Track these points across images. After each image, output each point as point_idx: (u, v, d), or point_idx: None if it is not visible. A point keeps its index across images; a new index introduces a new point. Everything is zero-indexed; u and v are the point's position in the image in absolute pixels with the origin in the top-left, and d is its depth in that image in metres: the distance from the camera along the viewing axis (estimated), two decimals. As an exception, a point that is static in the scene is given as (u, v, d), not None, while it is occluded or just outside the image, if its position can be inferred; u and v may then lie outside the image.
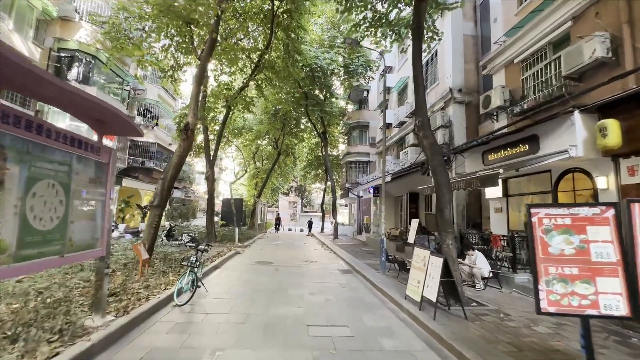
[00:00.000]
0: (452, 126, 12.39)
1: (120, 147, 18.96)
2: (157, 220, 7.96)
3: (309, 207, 57.22)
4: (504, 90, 8.99)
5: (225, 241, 15.38)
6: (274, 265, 10.12)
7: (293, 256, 12.61)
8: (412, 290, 5.85)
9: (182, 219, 20.10)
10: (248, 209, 30.35)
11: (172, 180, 8.20)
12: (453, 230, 6.22)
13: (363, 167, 25.93)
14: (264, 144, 32.32)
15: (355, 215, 25.59)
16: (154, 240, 8.02)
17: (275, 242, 18.51)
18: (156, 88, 22.92)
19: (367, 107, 26.76)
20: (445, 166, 6.50)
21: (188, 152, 8.36)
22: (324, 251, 15.10)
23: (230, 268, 9.24)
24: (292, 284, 7.41)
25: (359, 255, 12.75)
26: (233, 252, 12.09)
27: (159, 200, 7.98)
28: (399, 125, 17.77)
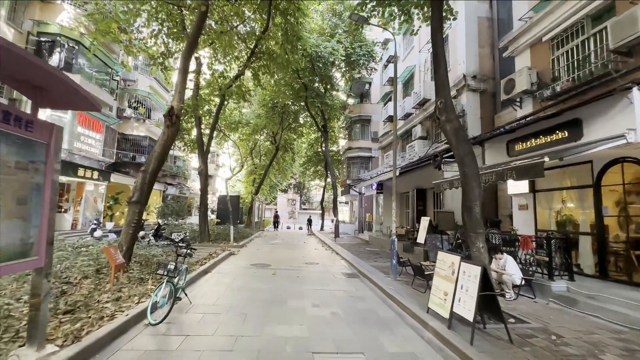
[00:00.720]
0: (466, 116, 11.38)
1: (109, 140, 17.86)
2: (137, 218, 6.93)
3: (308, 204, 56.21)
4: (530, 72, 7.98)
5: (219, 240, 14.36)
6: (271, 268, 9.11)
7: (292, 257, 11.62)
8: (436, 303, 4.85)
9: (176, 216, 19.04)
10: (245, 206, 29.33)
11: (154, 174, 7.16)
12: (484, 231, 5.22)
13: (365, 163, 24.93)
14: (261, 139, 31.28)
15: (357, 213, 24.62)
16: (134, 242, 6.99)
17: (273, 242, 17.52)
18: (148, 79, 21.81)
19: (369, 101, 25.72)
20: (474, 155, 5.49)
21: (173, 140, 7.31)
22: (325, 251, 14.11)
23: (222, 272, 8.22)
24: (291, 293, 6.40)
25: (363, 256, 11.77)
26: (227, 253, 11.08)
27: (139, 196, 6.94)
28: (404, 118, 16.75)
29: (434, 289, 5.04)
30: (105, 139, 16.91)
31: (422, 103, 14.41)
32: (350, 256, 11.69)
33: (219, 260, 9.67)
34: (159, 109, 23.19)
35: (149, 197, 7.24)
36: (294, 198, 58.50)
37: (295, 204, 58.05)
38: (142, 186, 7.00)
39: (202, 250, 11.51)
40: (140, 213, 6.99)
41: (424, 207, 14.32)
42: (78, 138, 14.60)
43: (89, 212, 16.18)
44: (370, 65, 21.77)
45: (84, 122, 15.02)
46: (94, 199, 16.61)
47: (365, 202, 23.94)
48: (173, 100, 7.57)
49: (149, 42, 13.42)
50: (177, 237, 11.33)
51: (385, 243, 14.62)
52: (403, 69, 17.53)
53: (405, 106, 16.14)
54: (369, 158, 24.68)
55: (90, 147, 15.49)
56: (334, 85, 21.30)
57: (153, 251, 8.81)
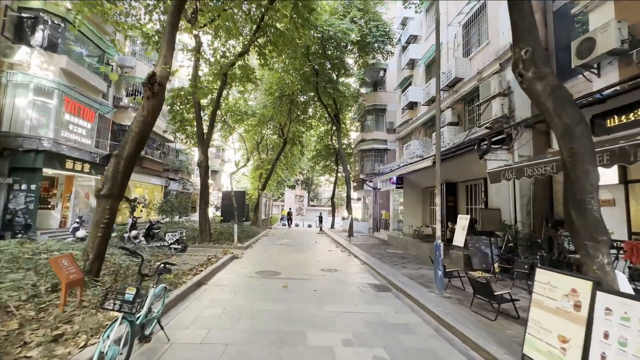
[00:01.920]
0: (513, 94, 9.50)
1: (103, 130, 16.39)
2: (108, 216, 5.31)
3: (316, 201, 54.57)
4: (620, 25, 6.09)
5: (222, 241, 12.78)
6: (281, 277, 7.46)
7: (305, 261, 9.96)
8: (542, 351, 3.11)
9: (177, 213, 17.55)
10: (251, 202, 27.82)
11: (130, 159, 5.52)
12: (609, 239, 3.44)
13: (379, 156, 23.10)
14: (268, 133, 29.67)
15: (371, 210, 22.87)
16: (104, 247, 5.38)
17: (281, 241, 15.89)
18: (147, 65, 20.29)
19: (384, 89, 23.82)
20: (587, 124, 3.70)
21: (155, 116, 5.66)
22: (341, 253, 12.42)
23: (221, 284, 6.59)
24: (311, 318, 4.73)
25: (387, 261, 10.04)
26: (229, 256, 9.47)
27: (110, 187, 5.31)
28: (428, 103, 14.86)
29: (533, 327, 3.29)
30: (98, 128, 15.43)
31: (453, 84, 12.52)
32: (372, 260, 9.98)
33: (219, 266, 8.05)
34: (159, 98, 21.66)
35: (124, 190, 5.61)
36: (301, 194, 56.94)
37: (303, 200, 56.48)
38: (115, 175, 5.37)
39: (201, 253, 9.93)
40: (112, 210, 5.36)
41: (454, 203, 12.49)
42: (66, 126, 13.15)
43: (79, 208, 14.77)
44: (386, 48, 19.84)
45: (73, 109, 13.56)
46: (86, 194, 15.18)
47: (380, 198, 22.16)
48: (157, 64, 5.91)
49: (143, 18, 11.88)
50: (171, 237, 9.77)
51: (409, 244, 12.86)
52: (426, 49, 15.61)
53: (430, 90, 14.25)
54: (384, 150, 22.84)
55: (80, 137, 14.03)
56: (347, 70, 19.43)
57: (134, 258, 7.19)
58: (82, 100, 14.17)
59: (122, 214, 19.21)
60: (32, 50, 12.23)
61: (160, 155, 22.42)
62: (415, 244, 12.33)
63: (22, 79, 12.08)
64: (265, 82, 23.07)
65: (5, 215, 11.70)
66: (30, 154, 11.95)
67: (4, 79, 11.84)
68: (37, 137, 12.06)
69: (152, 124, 5.73)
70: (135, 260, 6.82)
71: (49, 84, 12.49)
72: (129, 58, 19.16)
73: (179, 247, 9.85)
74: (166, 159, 23.32)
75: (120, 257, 6.51)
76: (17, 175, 11.87)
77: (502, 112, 9.33)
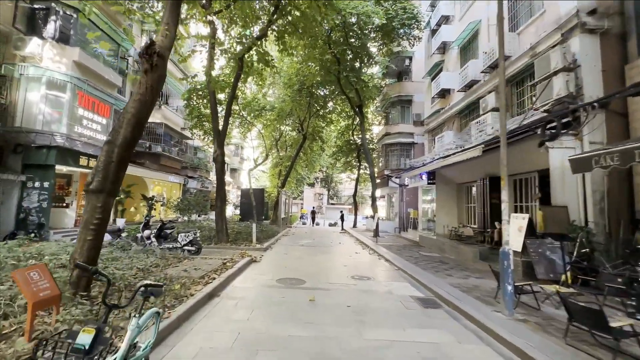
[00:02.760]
0: (579, 68, 7.91)
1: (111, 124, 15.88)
2: (100, 217, 4.37)
3: (336, 199, 53.37)
4: None
5: (239, 241, 11.87)
6: (307, 287, 6.36)
7: (331, 266, 8.82)
8: None
9: (195, 211, 16.90)
10: (271, 200, 27.03)
11: (127, 147, 4.55)
12: None
13: (406, 151, 21.59)
14: (287, 129, 28.76)
15: (397, 208, 21.43)
16: (96, 253, 4.46)
17: (303, 242, 14.83)
18: (163, 60, 19.71)
19: (410, 78, 22.25)
20: None
21: (155, 94, 4.67)
22: (369, 256, 11.19)
23: (236, 297, 5.55)
24: (350, 354, 3.57)
25: (425, 266, 8.72)
26: (246, 259, 8.47)
27: (102, 181, 4.38)
28: (465, 89, 13.30)
29: None
30: (113, 124, 14.93)
31: (497, 64, 10.95)
32: (407, 265, 8.70)
33: (235, 272, 7.05)
34: (176, 95, 21.18)
35: (119, 183, 4.67)
36: (321, 192, 55.91)
37: (323, 198, 55.43)
38: (108, 166, 4.42)
39: (217, 255, 9.01)
40: (105, 207, 4.42)
41: (499, 200, 10.91)
42: (79, 122, 12.65)
43: (96, 207, 14.33)
44: (413, 33, 18.29)
45: (87, 103, 13.07)
46: (102, 193, 14.74)
47: (407, 196, 20.68)
48: (157, 34, 4.93)
49: (157, 5, 11.15)
50: (184, 238, 8.89)
51: (446, 246, 11.44)
52: (461, 29, 14.01)
53: (468, 73, 12.70)
54: (411, 144, 21.30)
55: (95, 133, 13.53)
56: (371, 56, 18.04)
57: (139, 261, 6.30)
58: (97, 94, 13.65)
59: (140, 213, 18.84)
60: (44, 43, 11.75)
61: (178, 153, 21.94)
62: (453, 246, 10.91)
63: (34, 72, 11.62)
64: (283, 75, 22.15)
65: (19, 214, 11.30)
66: (42, 150, 11.50)
67: (16, 73, 11.41)
68: (50, 133, 11.58)
69: (152, 104, 4.74)
70: (138, 265, 5.93)
71: (61, 77, 11.98)
72: (146, 53, 18.66)
73: (193, 249, 8.97)
74: (184, 156, 22.84)
75: (118, 264, 5.61)
76: (30, 172, 11.44)
77: (567, 91, 7.78)
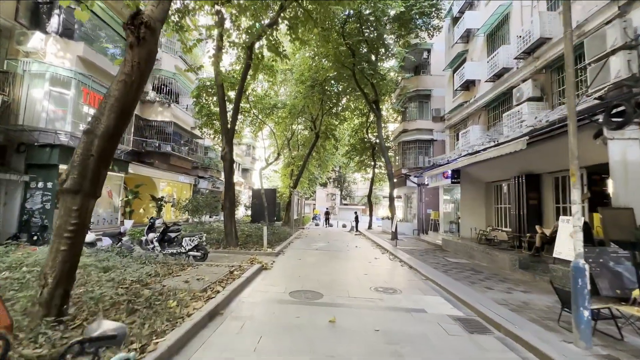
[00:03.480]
0: (644, 46, 6.73)
1: (127, 125, 15.38)
2: (76, 222, 3.59)
3: (349, 199, 52.29)
4: None
5: (249, 245, 11.10)
6: (324, 302, 5.47)
7: (351, 275, 7.89)
8: None
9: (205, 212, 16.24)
10: (283, 201, 26.28)
11: (109, 138, 3.74)
12: None
13: (424, 148, 20.41)
14: (299, 128, 27.98)
15: (416, 209, 20.28)
16: (72, 266, 3.67)
17: (317, 245, 13.95)
18: (173, 57, 19.28)
19: (428, 72, 21.07)
20: None
21: (143, 74, 3.86)
22: (391, 262, 10.20)
23: (241, 315, 4.71)
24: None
25: (457, 275, 7.68)
26: (256, 267, 7.64)
27: (78, 179, 3.59)
28: (493, 79, 12.14)
29: None
30: (120, 122, 14.44)
31: (533, 48, 9.79)
32: (437, 275, 7.68)
33: (243, 283, 6.22)
34: (185, 93, 20.63)
35: (100, 182, 3.88)
36: (333, 192, 54.98)
37: (335, 198, 54.49)
38: (85, 161, 3.64)
39: (224, 261, 8.24)
40: (82, 211, 3.64)
41: (538, 201, 9.76)
42: (84, 119, 12.16)
43: (102, 208, 13.84)
44: (432, 23, 17.14)
45: (92, 100, 12.57)
46: (109, 193, 14.24)
47: (426, 196, 19.51)
48: (147, 4, 4.13)
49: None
50: (189, 243, 8.14)
51: (475, 252, 10.33)
52: (487, 14, 12.83)
53: (498, 61, 11.53)
54: (430, 141, 20.12)
55: (101, 132, 13.06)
56: (387, 48, 16.97)
57: (132, 272, 5.51)
58: (102, 91, 13.13)
59: (150, 214, 18.36)
60: (47, 37, 11.29)
61: (189, 152, 21.45)
62: (485, 252, 9.80)
63: (37, 68, 11.17)
64: (295, 71, 21.39)
65: (22, 216, 10.85)
66: (46, 149, 11.02)
67: (19, 69, 10.98)
68: (54, 131, 11.11)
69: (139, 87, 3.93)
70: (131, 276, 5.16)
71: (65, 73, 11.50)
72: (155, 50, 18.18)
73: (198, 254, 8.21)
74: (195, 156, 22.34)
75: (105, 277, 4.85)
76: (33, 172, 10.99)
77: (629, 72, 6.61)
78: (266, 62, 16.35)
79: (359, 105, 24.40)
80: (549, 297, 5.92)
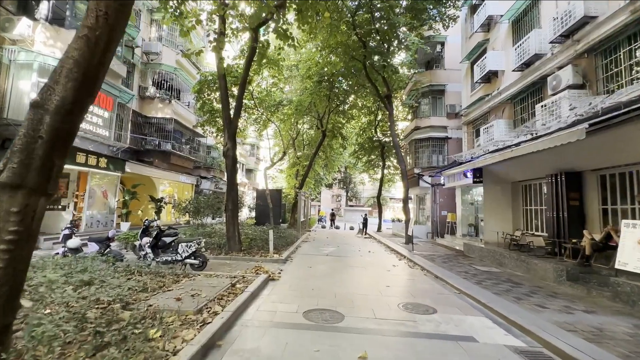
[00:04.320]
0: None
1: (123, 121, 14.48)
2: (19, 228, 2.59)
3: (355, 200, 51.16)
4: None
5: (254, 250, 10.10)
6: (347, 325, 4.42)
7: (371, 287, 6.82)
8: None
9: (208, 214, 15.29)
10: (288, 202, 25.29)
11: (66, 115, 2.74)
12: None
13: (438, 146, 19.30)
14: (305, 127, 27.02)
15: (430, 211, 19.15)
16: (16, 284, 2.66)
17: (327, 250, 12.90)
18: (174, 52, 18.42)
19: (442, 66, 19.97)
20: None
21: (116, 30, 2.86)
22: (412, 270, 9.12)
23: (243, 350, 3.67)
24: None
25: (494, 288, 6.59)
26: (262, 277, 6.61)
27: (18, 170, 2.59)
28: (521, 68, 11.03)
29: None
30: (117, 119, 13.53)
31: (573, 30, 8.69)
32: (471, 288, 6.59)
33: (247, 300, 5.19)
34: (187, 89, 19.75)
35: (53, 173, 2.86)
36: (339, 194, 53.86)
37: (341, 200, 53.36)
38: (30, 145, 2.64)
39: (226, 269, 7.26)
40: (25, 213, 2.63)
41: (580, 201, 8.62)
42: (77, 114, 11.32)
43: (97, 209, 12.93)
44: (447, 13, 16.08)
45: None
46: (104, 193, 13.32)
47: (440, 197, 18.39)
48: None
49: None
50: (186, 250, 7.15)
51: (505, 259, 9.21)
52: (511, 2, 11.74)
53: (529, 47, 10.43)
54: (444, 139, 19.00)
55: (95, 128, 12.15)
56: (400, 40, 15.90)
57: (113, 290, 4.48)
58: (97, 84, 12.25)
59: (149, 216, 17.44)
60: (36, 24, 10.43)
61: (191, 151, 20.55)
62: (519, 260, 8.68)
63: (25, 58, 10.31)
64: (302, 66, 20.46)
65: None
66: (33, 146, 10.13)
67: (5, 58, 10.11)
68: (42, 126, 10.22)
69: (109, 47, 2.92)
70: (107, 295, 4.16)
71: (55, 64, 10.62)
72: (155, 43, 17.36)
73: (196, 262, 7.22)
74: (197, 155, 21.44)
75: (63, 297, 3.85)
76: (19, 171, 10.10)
77: None
78: (272, 54, 15.48)
79: (367, 103, 23.37)
80: (624, 321, 4.81)
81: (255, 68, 14.84)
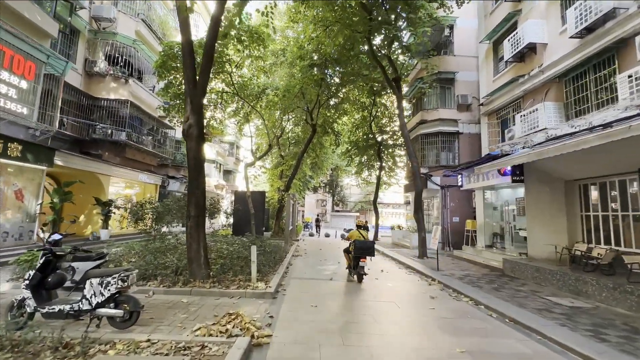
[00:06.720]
0: None
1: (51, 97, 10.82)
2: None
3: (342, 205, 48.35)
4: None
5: (228, 277, 6.87)
6: None
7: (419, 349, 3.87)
8: None
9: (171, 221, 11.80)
10: (272, 207, 22.07)
11: None
12: None
13: (448, 142, 16.81)
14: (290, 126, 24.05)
15: (439, 217, 16.54)
16: None
17: (326, 269, 9.91)
18: (133, 20, 14.97)
19: (451, 52, 17.60)
20: None
21: None
22: (460, 304, 6.25)
23: None
24: None
25: (620, 345, 3.85)
26: (240, 343, 3.47)
27: None
28: (581, 34, 8.57)
29: None
30: (42, 92, 9.93)
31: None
32: (583, 344, 3.78)
33: None
34: (150, 70, 16.21)
35: None
36: (324, 198, 50.95)
37: (326, 205, 50.45)
38: None
39: (177, 317, 4.05)
40: None
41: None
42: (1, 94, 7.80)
43: (10, 214, 9.26)
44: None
45: (17, 65, 8.27)
46: (17, 193, 9.63)
47: (451, 201, 15.85)
48: None
49: None
50: (100, 291, 3.92)
51: (589, 287, 6.49)
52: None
53: (598, 4, 7.98)
54: (455, 134, 16.54)
55: (8, 102, 8.59)
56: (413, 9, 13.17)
57: None
58: (15, 43, 8.73)
59: (94, 224, 13.76)
60: None
61: (155, 145, 16.97)
62: (614, 289, 6.01)
63: None
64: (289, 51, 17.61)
65: None
66: None
67: None
68: None
69: None
70: None
71: None
72: (108, 7, 13.86)
73: (118, 313, 3.98)
74: (163, 150, 17.85)
75: None
76: None
77: None
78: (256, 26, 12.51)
79: (360, 98, 20.71)
80: None
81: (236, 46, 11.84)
